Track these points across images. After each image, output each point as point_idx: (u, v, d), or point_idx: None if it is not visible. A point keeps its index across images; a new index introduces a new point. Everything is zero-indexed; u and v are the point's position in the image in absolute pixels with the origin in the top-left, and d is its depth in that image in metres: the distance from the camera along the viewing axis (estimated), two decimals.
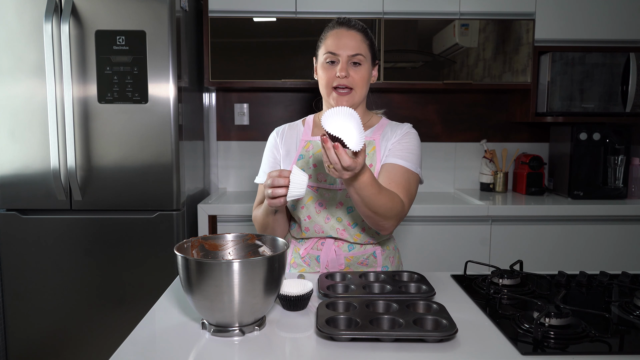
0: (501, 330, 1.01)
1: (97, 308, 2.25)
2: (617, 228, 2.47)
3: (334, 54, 1.34)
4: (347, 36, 1.34)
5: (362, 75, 1.35)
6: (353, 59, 1.34)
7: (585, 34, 2.58)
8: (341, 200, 1.38)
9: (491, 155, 2.88)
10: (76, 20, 2.12)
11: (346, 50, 1.33)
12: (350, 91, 1.35)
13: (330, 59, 1.34)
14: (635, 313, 1.10)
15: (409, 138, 1.40)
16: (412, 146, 1.39)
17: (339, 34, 1.35)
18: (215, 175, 2.94)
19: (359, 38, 1.35)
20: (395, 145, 1.39)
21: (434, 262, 2.44)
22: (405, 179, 1.34)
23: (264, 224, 1.41)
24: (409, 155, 1.37)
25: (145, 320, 1.07)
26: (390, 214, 1.26)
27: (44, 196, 2.19)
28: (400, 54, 2.58)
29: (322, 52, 1.37)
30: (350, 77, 1.33)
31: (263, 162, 1.53)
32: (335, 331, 0.95)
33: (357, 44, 1.34)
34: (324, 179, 1.39)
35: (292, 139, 1.48)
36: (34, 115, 2.16)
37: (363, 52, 1.35)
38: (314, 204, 1.39)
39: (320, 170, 1.40)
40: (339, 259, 1.42)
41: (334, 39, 1.35)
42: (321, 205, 1.39)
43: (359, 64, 1.34)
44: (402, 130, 1.42)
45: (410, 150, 1.38)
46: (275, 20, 2.54)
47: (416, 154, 1.39)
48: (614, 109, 2.56)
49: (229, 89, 2.86)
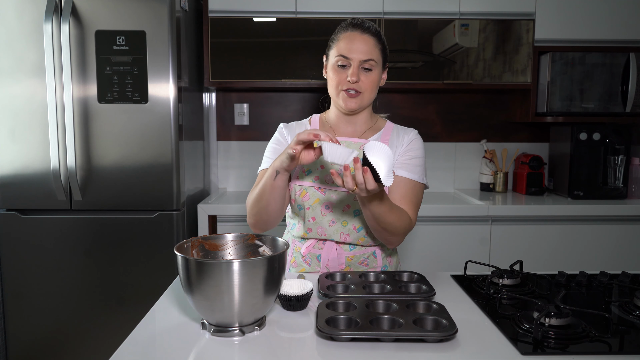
0: (501, 330, 1.01)
1: (97, 308, 2.25)
2: (617, 228, 2.47)
3: (346, 57, 1.33)
4: (360, 40, 1.33)
5: (373, 80, 1.35)
6: (365, 64, 1.33)
7: (585, 34, 2.58)
8: (348, 203, 1.37)
9: (491, 155, 2.88)
10: (76, 20, 2.12)
11: (358, 55, 1.32)
12: (359, 94, 1.35)
13: (341, 62, 1.34)
14: (635, 313, 1.10)
15: (416, 147, 1.42)
16: (419, 156, 1.41)
17: (352, 37, 1.34)
18: (215, 175, 2.94)
19: (372, 42, 1.34)
20: (403, 155, 1.40)
21: (434, 262, 2.44)
22: (414, 194, 1.37)
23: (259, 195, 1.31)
24: (417, 167, 1.39)
25: (145, 320, 1.07)
26: (398, 231, 1.29)
27: (44, 196, 2.19)
28: (400, 54, 2.58)
29: (334, 53, 1.36)
30: (361, 81, 1.33)
31: (268, 150, 1.47)
32: (335, 331, 0.95)
33: (369, 49, 1.33)
34: (332, 180, 1.39)
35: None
36: (34, 115, 2.16)
37: (375, 58, 1.34)
38: (320, 205, 1.38)
39: (327, 172, 1.39)
40: (340, 258, 1.42)
41: (346, 42, 1.33)
42: (327, 207, 1.38)
43: (370, 69, 1.34)
44: (409, 137, 1.43)
45: (417, 162, 1.40)
46: (275, 20, 2.54)
47: (423, 164, 1.42)
48: (614, 109, 2.56)
49: (229, 89, 2.86)
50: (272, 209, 1.33)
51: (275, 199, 1.31)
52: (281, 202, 1.33)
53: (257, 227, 1.38)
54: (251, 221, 1.37)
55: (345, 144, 1.40)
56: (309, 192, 1.38)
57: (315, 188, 1.38)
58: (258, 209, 1.33)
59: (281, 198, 1.32)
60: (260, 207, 1.32)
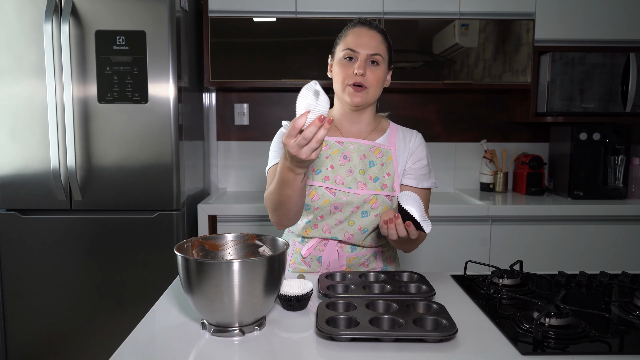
0: (501, 330, 1.01)
1: (97, 308, 2.25)
2: (617, 228, 2.47)
3: (354, 51, 1.34)
4: (367, 35, 1.35)
5: (379, 75, 1.36)
6: (372, 58, 1.34)
7: (585, 34, 2.58)
8: (358, 204, 1.38)
9: (491, 155, 2.88)
10: (76, 20, 2.12)
11: (366, 49, 1.33)
12: (365, 89, 1.35)
13: (349, 55, 1.35)
14: (635, 313, 1.10)
15: (423, 154, 1.45)
16: (426, 162, 1.45)
17: (360, 32, 1.36)
18: (215, 175, 2.94)
19: (379, 39, 1.36)
20: (411, 162, 1.43)
21: (434, 262, 2.44)
22: (426, 200, 1.44)
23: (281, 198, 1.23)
24: (426, 174, 1.44)
25: (145, 320, 1.07)
26: (415, 244, 1.37)
27: (44, 196, 2.19)
28: (401, 54, 2.58)
29: (341, 48, 1.37)
30: (367, 76, 1.34)
31: (274, 144, 1.43)
32: (335, 331, 0.95)
33: (377, 44, 1.35)
34: (342, 181, 1.38)
35: None
36: (34, 115, 2.16)
37: (382, 53, 1.35)
38: (329, 206, 1.37)
39: (337, 172, 1.39)
40: (341, 260, 1.42)
41: (354, 37, 1.35)
42: (337, 208, 1.38)
43: (376, 63, 1.35)
44: (414, 143, 1.45)
45: (426, 169, 1.44)
46: (275, 20, 2.54)
47: (430, 168, 1.46)
48: (614, 109, 2.56)
49: (229, 89, 2.86)
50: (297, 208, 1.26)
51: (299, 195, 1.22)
52: (303, 198, 1.27)
53: (282, 225, 1.33)
54: (275, 220, 1.32)
55: (354, 146, 1.41)
56: (319, 193, 1.37)
57: (326, 189, 1.37)
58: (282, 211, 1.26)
59: (303, 194, 1.25)
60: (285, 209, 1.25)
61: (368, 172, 1.39)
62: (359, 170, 1.38)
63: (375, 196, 1.37)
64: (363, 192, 1.37)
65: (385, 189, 1.39)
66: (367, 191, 1.37)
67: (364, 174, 1.38)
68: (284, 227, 1.35)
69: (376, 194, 1.37)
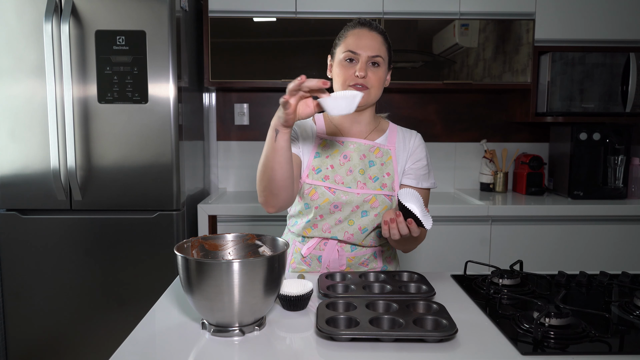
0: (501, 330, 1.01)
1: (97, 308, 2.25)
2: (617, 228, 2.47)
3: (355, 52, 1.34)
4: (368, 37, 1.35)
5: (379, 76, 1.36)
6: (372, 60, 1.34)
7: (585, 34, 2.58)
8: (357, 203, 1.38)
9: (491, 155, 2.88)
10: (76, 20, 2.12)
11: (367, 50, 1.34)
12: (366, 90, 1.35)
13: (349, 57, 1.35)
14: (635, 313, 1.10)
15: (422, 154, 1.45)
16: (426, 162, 1.45)
17: (361, 33, 1.36)
18: (215, 175, 2.94)
19: (380, 40, 1.36)
20: (411, 163, 1.43)
21: (434, 262, 2.44)
22: (426, 201, 1.44)
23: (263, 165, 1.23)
24: (426, 174, 1.45)
25: (145, 320, 1.07)
26: (415, 245, 1.38)
27: (44, 196, 2.19)
28: (400, 54, 2.58)
29: (341, 50, 1.37)
30: (368, 77, 1.34)
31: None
32: (335, 331, 0.95)
33: (377, 45, 1.35)
34: (342, 181, 1.38)
35: (306, 132, 1.46)
36: (34, 115, 2.16)
37: (382, 54, 1.36)
38: (329, 205, 1.37)
39: (337, 172, 1.39)
40: (341, 259, 1.42)
41: (355, 38, 1.35)
42: (336, 207, 1.38)
43: (377, 64, 1.35)
44: (414, 143, 1.45)
45: (425, 169, 1.45)
46: (275, 20, 2.54)
47: (430, 168, 1.47)
48: (614, 109, 2.56)
49: (229, 89, 2.86)
50: (280, 177, 1.21)
51: (281, 163, 1.20)
52: (288, 168, 1.22)
53: (269, 204, 1.29)
54: (262, 199, 1.29)
55: (354, 145, 1.41)
56: (319, 192, 1.37)
57: (325, 188, 1.37)
58: (266, 182, 1.24)
59: (287, 162, 1.21)
60: (267, 179, 1.22)
61: (368, 172, 1.39)
62: (358, 169, 1.39)
63: (375, 196, 1.37)
64: (363, 192, 1.37)
65: (385, 188, 1.39)
66: (367, 191, 1.37)
67: (364, 173, 1.39)
68: (272, 208, 1.30)
69: (376, 194, 1.37)
